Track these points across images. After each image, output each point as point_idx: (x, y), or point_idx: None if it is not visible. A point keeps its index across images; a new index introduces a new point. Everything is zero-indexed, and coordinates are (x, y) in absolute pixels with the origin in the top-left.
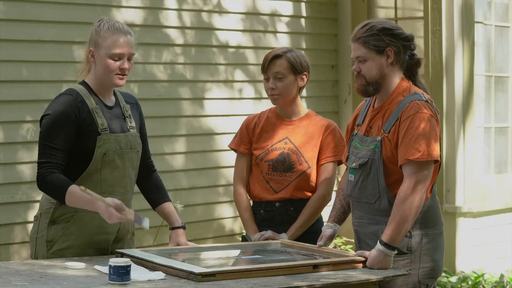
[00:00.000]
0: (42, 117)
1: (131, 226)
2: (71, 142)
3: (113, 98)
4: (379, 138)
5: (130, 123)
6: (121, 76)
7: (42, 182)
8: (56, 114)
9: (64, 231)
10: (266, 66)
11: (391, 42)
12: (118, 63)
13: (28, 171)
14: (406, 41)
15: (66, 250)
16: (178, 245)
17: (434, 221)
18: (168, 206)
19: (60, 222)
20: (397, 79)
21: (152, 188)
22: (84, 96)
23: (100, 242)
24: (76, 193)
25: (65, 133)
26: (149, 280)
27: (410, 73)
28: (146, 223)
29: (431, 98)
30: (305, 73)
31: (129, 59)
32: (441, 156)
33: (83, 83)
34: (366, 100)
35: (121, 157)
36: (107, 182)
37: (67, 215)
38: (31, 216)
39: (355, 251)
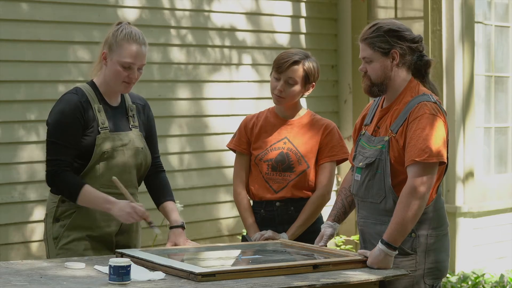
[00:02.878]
0: (49, 116)
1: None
2: (78, 140)
3: (118, 98)
4: (386, 138)
5: (133, 122)
6: (127, 84)
7: (55, 178)
8: (63, 113)
9: (67, 226)
10: (283, 68)
11: (397, 44)
12: (127, 72)
13: (26, 172)
14: (413, 43)
15: (71, 243)
16: (176, 244)
17: (440, 222)
18: (170, 204)
19: (63, 219)
20: (404, 80)
21: (157, 187)
22: (89, 95)
23: (104, 235)
24: (92, 193)
25: (73, 131)
26: (149, 280)
27: (420, 74)
28: (157, 230)
29: (439, 99)
30: (314, 83)
31: (139, 69)
32: (447, 157)
33: (91, 83)
34: (374, 100)
35: (121, 154)
36: (106, 177)
37: (69, 211)
38: (29, 216)
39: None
